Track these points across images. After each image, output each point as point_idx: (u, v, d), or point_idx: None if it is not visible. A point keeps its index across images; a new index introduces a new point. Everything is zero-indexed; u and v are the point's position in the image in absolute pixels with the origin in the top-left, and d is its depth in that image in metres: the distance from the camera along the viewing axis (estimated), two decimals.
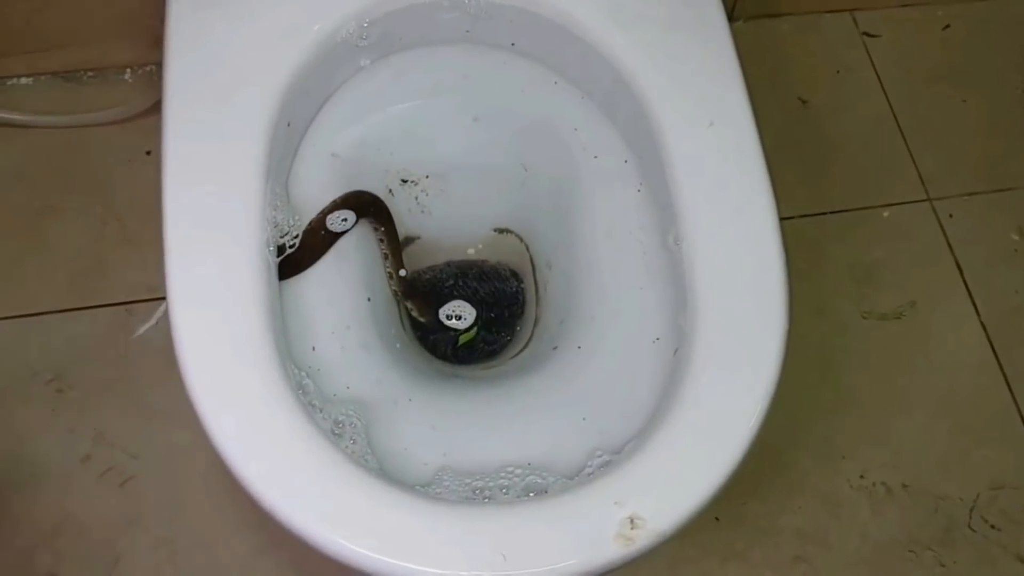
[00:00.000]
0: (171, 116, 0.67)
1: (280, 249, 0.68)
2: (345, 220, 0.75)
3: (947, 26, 1.33)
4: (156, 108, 1.12)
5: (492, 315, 0.88)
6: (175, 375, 1.01)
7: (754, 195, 0.67)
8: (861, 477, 1.04)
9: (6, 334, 1.04)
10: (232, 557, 0.95)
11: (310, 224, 0.73)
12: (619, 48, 0.73)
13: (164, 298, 1.05)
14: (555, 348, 0.77)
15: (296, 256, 0.71)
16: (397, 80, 0.79)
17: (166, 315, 1.04)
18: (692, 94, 0.71)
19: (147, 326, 1.05)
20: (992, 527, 1.03)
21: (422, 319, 0.85)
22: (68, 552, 0.94)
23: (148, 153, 1.14)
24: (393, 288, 0.82)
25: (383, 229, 0.80)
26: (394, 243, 0.81)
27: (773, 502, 1.02)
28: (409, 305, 0.84)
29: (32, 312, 1.05)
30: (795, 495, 1.03)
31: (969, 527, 1.03)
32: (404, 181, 0.83)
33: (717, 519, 1.01)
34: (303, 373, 0.65)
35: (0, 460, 0.98)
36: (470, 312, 0.86)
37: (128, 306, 1.06)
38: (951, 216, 1.20)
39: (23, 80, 1.17)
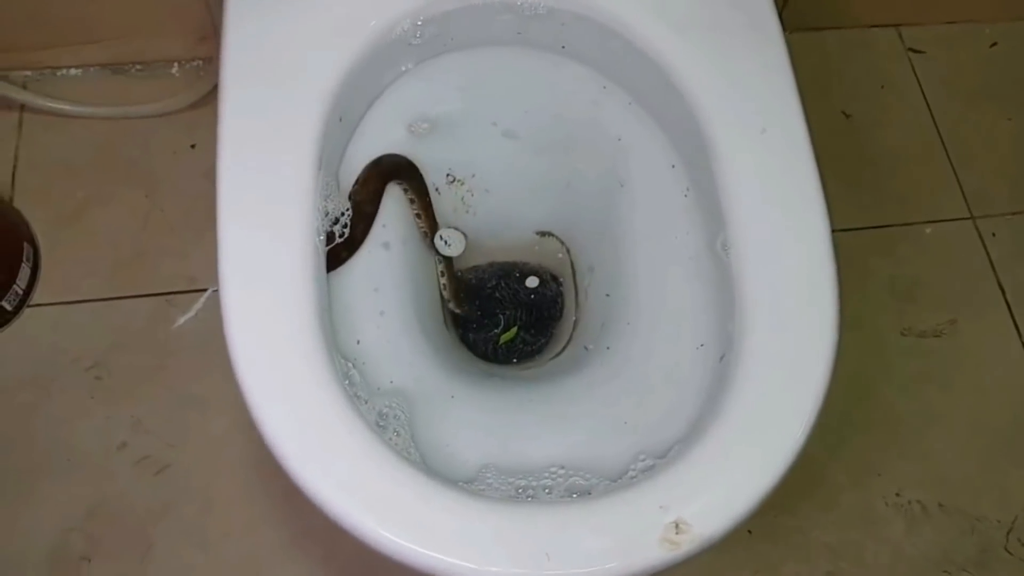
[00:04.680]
0: (228, 106, 0.67)
1: (329, 238, 0.69)
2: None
3: (994, 44, 1.32)
4: (202, 102, 1.15)
5: (532, 317, 0.88)
6: (214, 366, 1.04)
7: (806, 202, 0.67)
8: (897, 495, 1.03)
9: (47, 320, 1.05)
10: (264, 548, 0.96)
11: (359, 190, 0.74)
12: (671, 52, 0.72)
13: (204, 290, 1.08)
14: (596, 351, 0.77)
15: (347, 239, 0.71)
16: (447, 80, 0.79)
17: (206, 306, 1.07)
18: (744, 100, 0.70)
19: (187, 317, 1.06)
20: None
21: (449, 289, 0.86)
22: (102, 537, 0.95)
23: (193, 147, 1.15)
24: (423, 230, 0.83)
25: (412, 189, 0.80)
26: (424, 199, 0.81)
27: (806, 516, 1.01)
28: (441, 268, 0.85)
29: (73, 299, 1.06)
30: (829, 510, 1.02)
31: (1005, 549, 1.01)
32: (451, 180, 0.83)
33: (750, 532, 1.00)
34: (349, 363, 0.65)
35: (37, 444, 0.99)
36: (459, 239, 0.86)
37: (168, 297, 1.07)
38: (994, 235, 1.19)
39: (72, 71, 1.19)
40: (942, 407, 1.08)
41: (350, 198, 0.73)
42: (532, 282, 0.90)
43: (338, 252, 0.71)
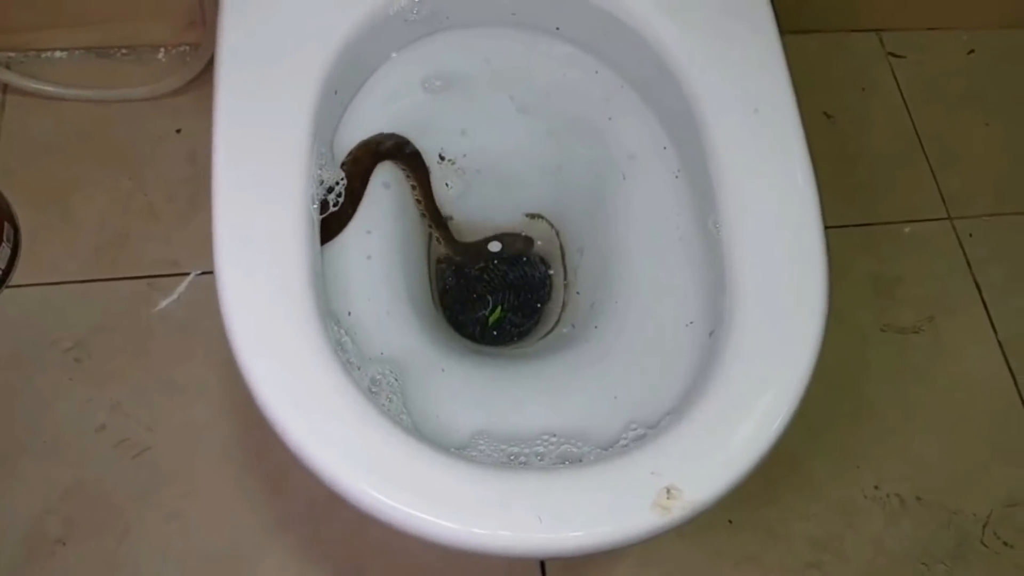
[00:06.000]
0: (223, 76, 0.67)
1: (323, 207, 0.69)
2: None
3: (972, 51, 1.35)
4: (188, 88, 1.14)
5: (520, 298, 0.88)
6: (195, 350, 1.03)
7: (797, 180, 0.68)
8: (876, 488, 1.04)
9: (28, 301, 1.04)
10: (243, 535, 0.94)
11: (350, 165, 0.74)
12: (665, 34, 0.73)
13: (187, 273, 1.07)
14: (585, 330, 0.77)
15: (339, 210, 0.71)
16: (441, 59, 0.80)
17: (188, 290, 1.06)
18: (737, 81, 0.71)
19: (169, 300, 1.05)
20: (1005, 544, 1.02)
21: (449, 249, 0.87)
22: (78, 520, 0.94)
23: (178, 131, 1.15)
24: (421, 211, 0.83)
25: (415, 179, 0.81)
26: (426, 186, 0.82)
27: (787, 508, 1.02)
28: (436, 234, 0.86)
29: (55, 281, 1.05)
30: (810, 502, 1.03)
31: (982, 543, 1.02)
32: (442, 159, 0.83)
33: (730, 522, 1.00)
34: (342, 330, 0.65)
35: (14, 425, 0.97)
36: (460, 179, 0.86)
37: (151, 280, 1.06)
38: (971, 236, 1.21)
39: (57, 54, 1.18)
40: (920, 402, 1.09)
41: (342, 166, 0.73)
42: (495, 246, 0.89)
43: (328, 226, 0.71)
